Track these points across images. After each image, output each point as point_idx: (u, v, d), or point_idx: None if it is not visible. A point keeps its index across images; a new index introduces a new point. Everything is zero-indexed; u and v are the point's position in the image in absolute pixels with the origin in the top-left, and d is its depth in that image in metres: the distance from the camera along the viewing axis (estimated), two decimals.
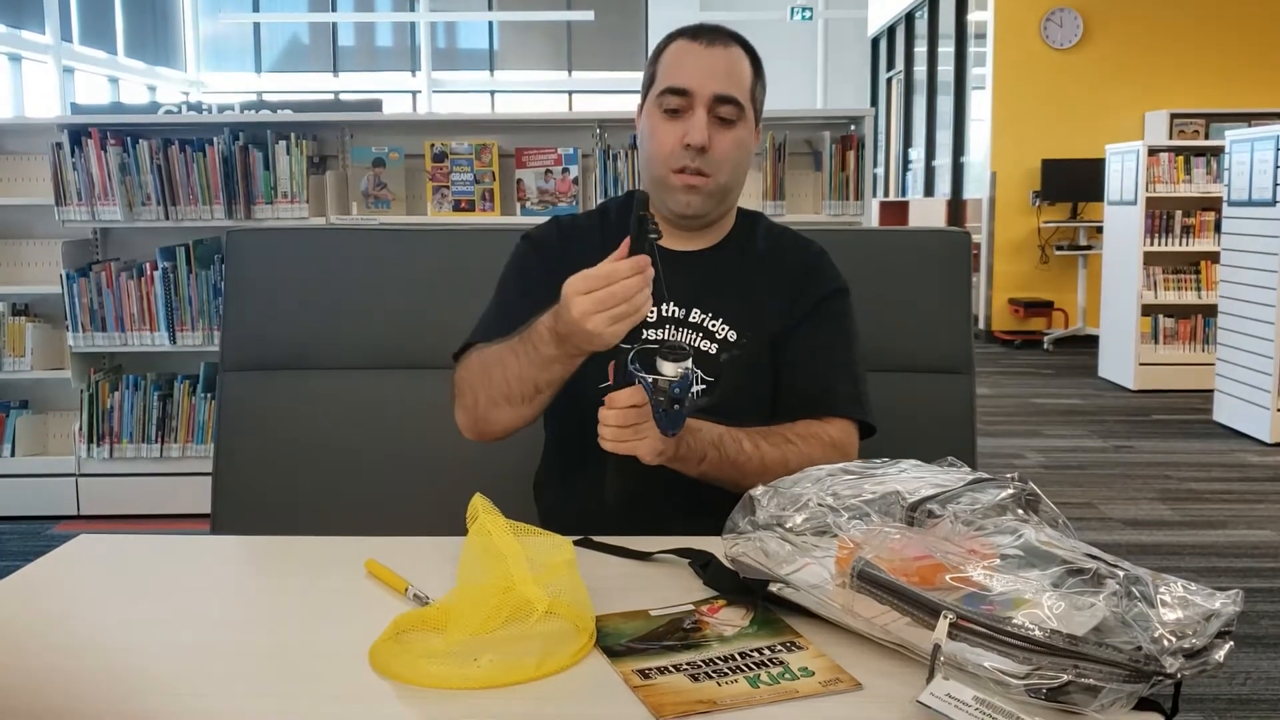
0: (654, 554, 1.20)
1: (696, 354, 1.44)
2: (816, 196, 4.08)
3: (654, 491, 1.38)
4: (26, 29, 11.27)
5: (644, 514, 1.30)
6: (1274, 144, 4.96)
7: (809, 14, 13.86)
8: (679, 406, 1.22)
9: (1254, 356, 5.14)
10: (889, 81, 13.07)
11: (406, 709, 0.91)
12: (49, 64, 11.53)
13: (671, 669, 0.93)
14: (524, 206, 4.11)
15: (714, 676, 0.92)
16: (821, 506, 1.03)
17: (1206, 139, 7.17)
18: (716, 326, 1.47)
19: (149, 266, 3.92)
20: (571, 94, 16.14)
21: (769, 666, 0.93)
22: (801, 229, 1.60)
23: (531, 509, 1.54)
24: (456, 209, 4.11)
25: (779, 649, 0.97)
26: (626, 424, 1.24)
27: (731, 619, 1.03)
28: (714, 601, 1.07)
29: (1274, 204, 4.94)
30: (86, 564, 1.27)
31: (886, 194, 12.70)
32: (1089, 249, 7.87)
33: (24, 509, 4.02)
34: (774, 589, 1.03)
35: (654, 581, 1.14)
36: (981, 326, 8.40)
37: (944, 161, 10.45)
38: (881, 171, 13.01)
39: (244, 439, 1.73)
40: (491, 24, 16.30)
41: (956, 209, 9.67)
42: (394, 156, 4.14)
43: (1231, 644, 0.85)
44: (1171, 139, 7.46)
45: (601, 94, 15.56)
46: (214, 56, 16.12)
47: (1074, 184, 7.88)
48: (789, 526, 1.04)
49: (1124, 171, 6.52)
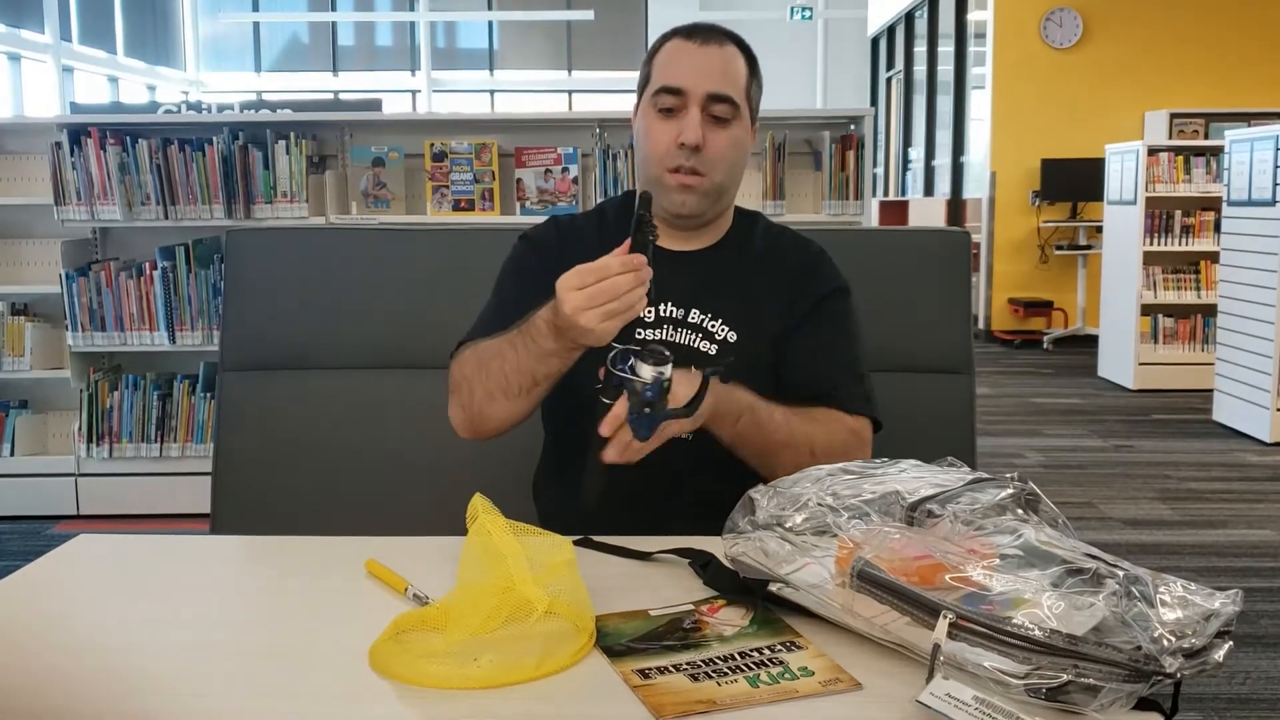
0: (654, 554, 1.20)
1: (695, 354, 1.44)
2: (816, 196, 4.08)
3: (654, 491, 1.38)
4: (26, 28, 11.26)
5: (644, 514, 1.30)
6: (1274, 144, 4.96)
7: (809, 14, 13.86)
8: (650, 410, 1.19)
9: (1254, 356, 5.14)
10: (889, 81, 13.07)
11: (406, 709, 0.91)
12: (48, 63, 11.53)
13: (671, 669, 0.93)
14: (524, 206, 4.10)
15: (714, 676, 0.92)
16: (821, 506, 1.03)
17: (1206, 139, 7.17)
18: (716, 327, 1.46)
19: (148, 266, 3.92)
20: (571, 94, 16.14)
21: (769, 666, 0.93)
22: (801, 229, 1.60)
23: (531, 509, 1.54)
24: (456, 209, 4.11)
25: (779, 649, 0.97)
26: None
27: (731, 619, 1.03)
28: (714, 601, 1.07)
29: (1274, 204, 4.94)
30: (86, 564, 1.27)
31: (886, 194, 12.71)
32: (1089, 249, 7.88)
33: (24, 509, 4.02)
34: (774, 589, 1.03)
35: (654, 581, 1.14)
36: (981, 326, 8.40)
37: (944, 161, 10.45)
38: (881, 171, 13.01)
39: (244, 439, 1.73)
40: (491, 24, 16.30)
41: (956, 209, 9.67)
42: (394, 156, 4.14)
43: (1231, 644, 0.85)
44: (1171, 139, 7.46)
45: (601, 94, 15.55)
46: (214, 56, 16.11)
47: (1074, 184, 7.88)
48: (789, 526, 1.04)
49: (1124, 171, 6.52)
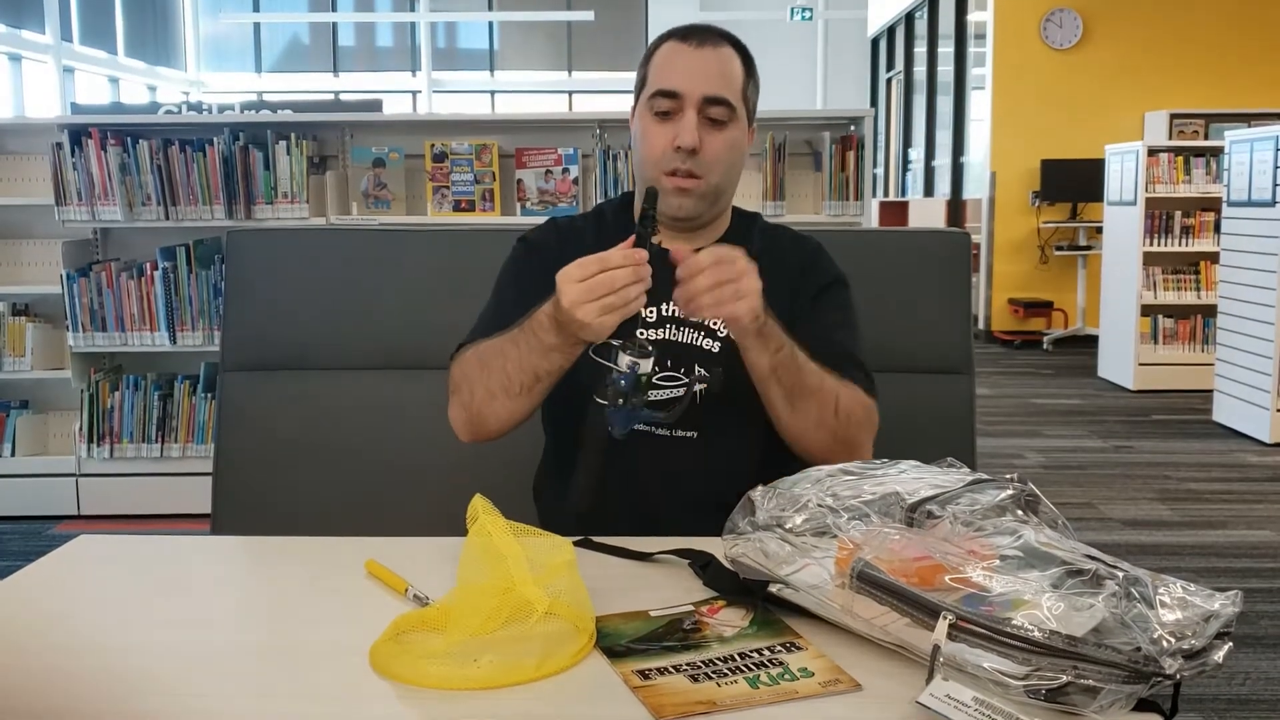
0: (654, 554, 1.20)
1: (696, 351, 1.45)
2: (816, 197, 4.08)
3: (654, 492, 1.38)
4: (26, 29, 11.26)
5: (644, 515, 1.30)
6: (1273, 144, 4.96)
7: (809, 14, 13.86)
8: (623, 401, 1.20)
9: (1254, 357, 5.14)
10: (889, 81, 13.07)
11: (406, 709, 0.91)
12: (49, 64, 11.53)
13: (671, 669, 0.93)
14: (524, 207, 4.10)
15: (714, 677, 0.92)
16: (821, 507, 1.03)
17: (1206, 139, 7.17)
18: (717, 324, 1.46)
19: (149, 266, 3.92)
20: (571, 94, 16.14)
21: (769, 667, 0.93)
22: (801, 229, 1.60)
23: (531, 509, 1.54)
24: (456, 209, 4.11)
25: (779, 649, 0.97)
26: (722, 280, 1.20)
27: (731, 619, 1.03)
28: (714, 602, 1.07)
29: (1273, 204, 4.94)
30: (86, 564, 1.27)
31: (886, 194, 12.71)
32: (1089, 249, 7.88)
33: (24, 509, 4.02)
34: (774, 590, 1.03)
35: (654, 582, 1.14)
36: (981, 326, 8.40)
37: (944, 161, 10.45)
38: (881, 171, 13.01)
39: (244, 439, 1.73)
40: (491, 24, 16.30)
41: (956, 209, 9.67)
42: (394, 156, 4.14)
43: (1230, 645, 0.85)
44: (1171, 139, 7.46)
45: (602, 94, 15.55)
46: (214, 56, 16.11)
47: (1074, 184, 7.88)
48: (789, 527, 1.04)
49: (1124, 172, 6.52)
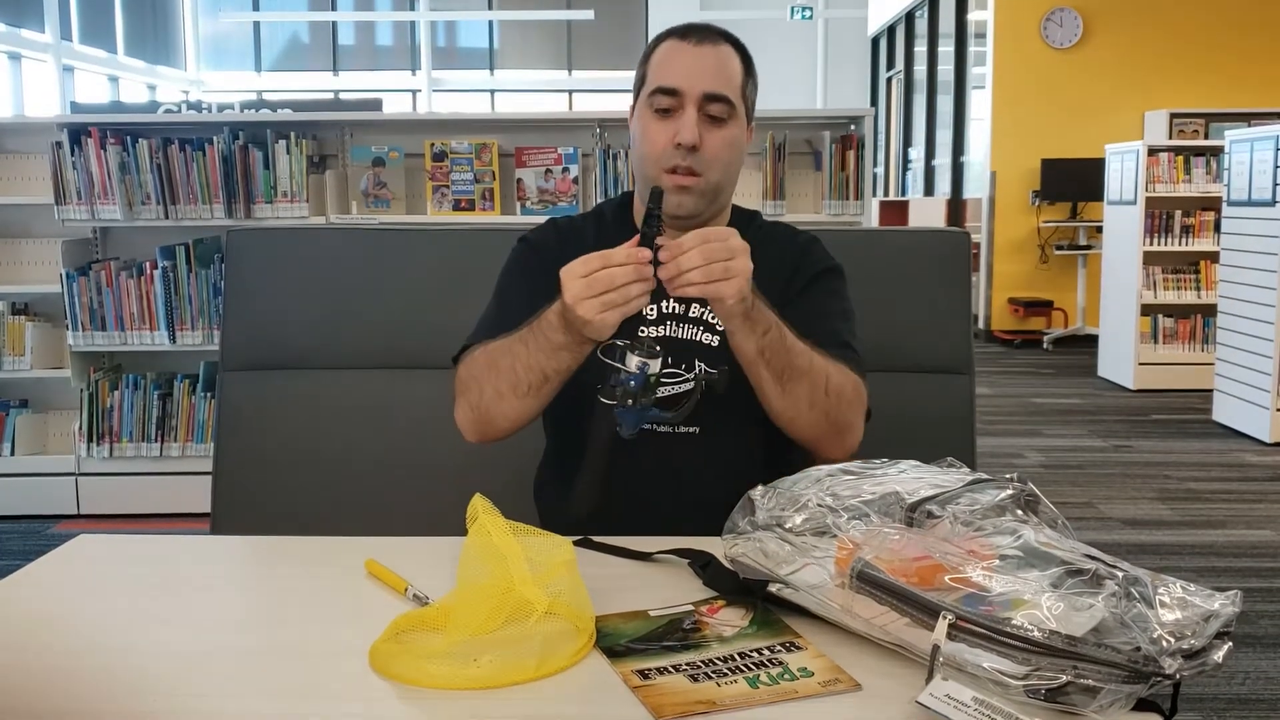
0: (654, 554, 1.20)
1: (697, 346, 1.45)
2: (816, 196, 4.08)
3: (654, 492, 1.38)
4: (26, 28, 11.26)
5: (644, 514, 1.30)
6: (1274, 144, 4.96)
7: (809, 13, 13.86)
8: (632, 402, 1.20)
9: (1254, 356, 5.14)
10: (889, 81, 13.07)
11: (406, 709, 0.91)
12: (49, 63, 11.52)
13: (671, 669, 0.93)
14: (524, 206, 4.10)
15: (713, 677, 0.92)
16: (821, 507, 1.03)
17: (1206, 139, 7.17)
18: (716, 320, 1.46)
19: (149, 266, 3.92)
20: (571, 93, 16.14)
21: (768, 667, 0.93)
22: (801, 228, 1.60)
23: (531, 509, 1.54)
24: (456, 208, 4.11)
25: (778, 649, 0.97)
26: (713, 259, 1.20)
27: (731, 619, 1.03)
28: (713, 602, 1.07)
29: (1274, 204, 4.94)
30: (86, 564, 1.27)
31: (886, 194, 12.71)
32: (1089, 249, 7.88)
33: (24, 508, 4.02)
34: (773, 589, 1.03)
35: (654, 582, 1.14)
36: (981, 326, 8.40)
37: (944, 161, 10.45)
38: (881, 171, 13.01)
39: (244, 439, 1.73)
40: (491, 23, 16.29)
41: (956, 209, 9.67)
42: (394, 156, 4.14)
43: (1230, 645, 0.85)
44: (1171, 139, 7.46)
45: (602, 93, 15.54)
46: (214, 55, 16.11)
47: (1074, 184, 7.88)
48: (788, 527, 1.04)
49: (1124, 171, 6.52)
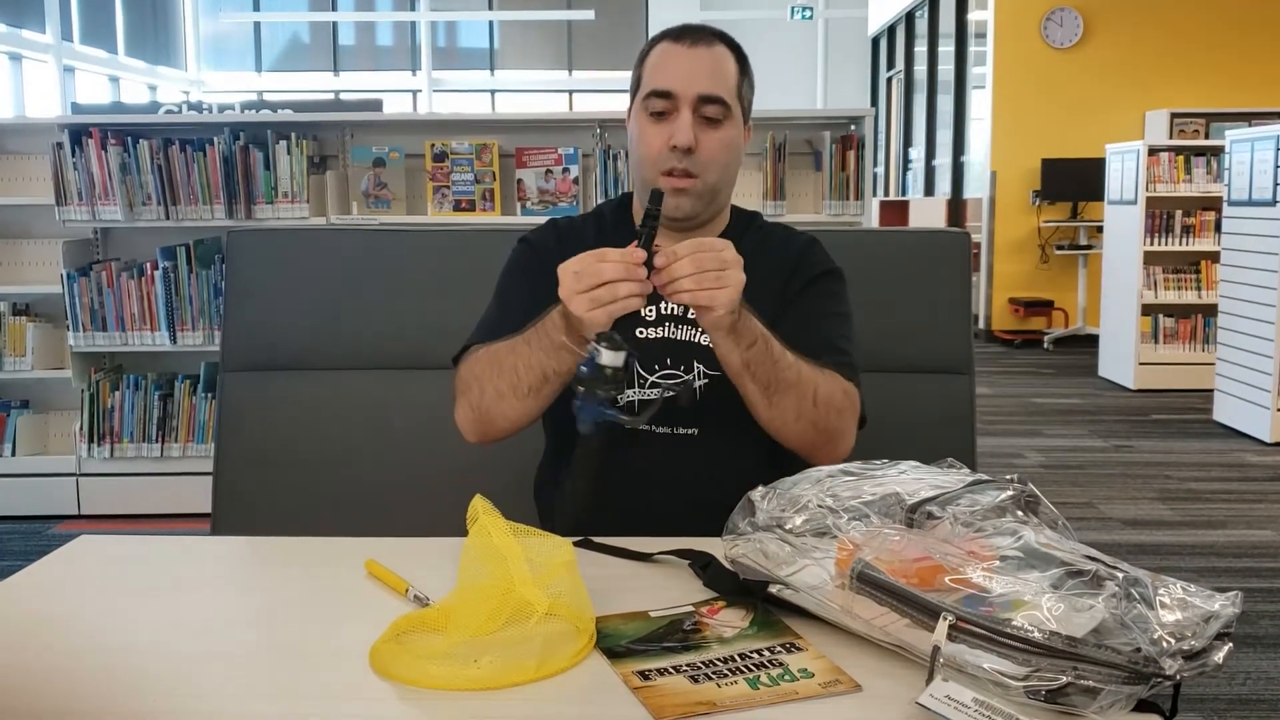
0: (654, 555, 1.20)
1: (696, 349, 1.45)
2: (816, 196, 4.08)
3: (654, 492, 1.38)
4: (27, 28, 11.26)
5: (644, 515, 1.30)
6: (1274, 144, 4.95)
7: (809, 13, 13.85)
8: (584, 390, 1.20)
9: (1254, 356, 5.14)
10: (889, 81, 13.07)
11: (407, 710, 0.91)
12: (49, 63, 11.52)
13: (671, 670, 0.93)
14: (524, 206, 4.10)
15: (714, 678, 0.92)
16: (821, 508, 1.03)
17: (1206, 139, 7.17)
18: None
19: (149, 266, 3.92)
20: (572, 93, 16.13)
21: (769, 668, 0.93)
22: (801, 228, 1.60)
23: (531, 509, 1.54)
24: (457, 209, 4.11)
25: (779, 650, 0.97)
26: (706, 268, 1.19)
27: (731, 620, 1.03)
28: (714, 603, 1.07)
29: (1274, 204, 4.94)
30: (86, 564, 1.27)
31: (886, 194, 12.70)
32: (1089, 248, 7.87)
33: (24, 509, 4.02)
34: (774, 590, 1.03)
35: (654, 582, 1.14)
36: (981, 326, 8.40)
37: (944, 161, 10.45)
38: (881, 171, 13.01)
39: (244, 439, 1.74)
40: (492, 23, 16.29)
41: (956, 209, 9.67)
42: (394, 156, 4.14)
43: (1230, 645, 0.85)
44: (1172, 138, 7.46)
45: (602, 94, 15.54)
46: (214, 56, 16.11)
47: (1074, 183, 7.88)
48: (788, 528, 1.04)
49: (1124, 171, 6.52)
